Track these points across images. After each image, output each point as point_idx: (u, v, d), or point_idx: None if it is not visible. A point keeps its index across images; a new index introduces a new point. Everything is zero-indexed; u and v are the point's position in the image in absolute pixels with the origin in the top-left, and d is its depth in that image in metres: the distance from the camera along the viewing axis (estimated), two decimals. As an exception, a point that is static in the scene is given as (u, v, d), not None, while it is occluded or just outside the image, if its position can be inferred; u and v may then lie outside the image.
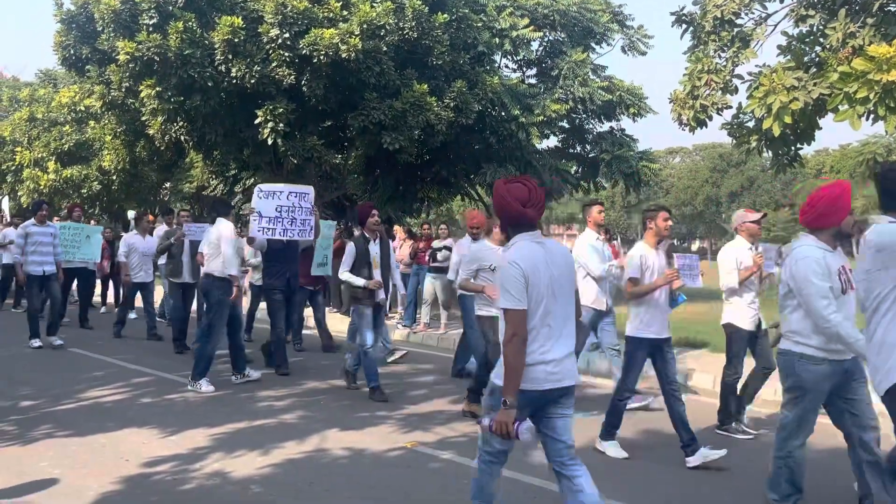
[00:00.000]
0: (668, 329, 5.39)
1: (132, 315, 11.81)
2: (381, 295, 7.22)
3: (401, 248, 11.68)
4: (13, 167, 21.50)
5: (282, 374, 7.97)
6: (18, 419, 5.95)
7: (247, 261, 9.25)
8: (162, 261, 10.73)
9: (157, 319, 10.93)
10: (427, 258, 11.36)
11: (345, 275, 7.08)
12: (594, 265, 6.73)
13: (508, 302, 3.22)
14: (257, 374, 7.69)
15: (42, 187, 20.53)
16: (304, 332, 10.17)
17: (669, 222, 5.50)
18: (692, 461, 5.07)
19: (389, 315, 12.52)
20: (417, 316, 11.71)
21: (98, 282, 13.38)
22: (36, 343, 9.29)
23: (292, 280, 8.30)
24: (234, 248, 7.55)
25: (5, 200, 16.70)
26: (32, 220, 9.52)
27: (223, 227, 7.54)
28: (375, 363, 7.12)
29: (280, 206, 7.77)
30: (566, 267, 3.43)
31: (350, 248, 7.21)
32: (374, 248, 7.20)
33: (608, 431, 5.46)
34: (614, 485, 4.73)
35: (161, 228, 11.30)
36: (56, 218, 15.64)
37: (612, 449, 5.40)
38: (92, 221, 15.47)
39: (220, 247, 7.41)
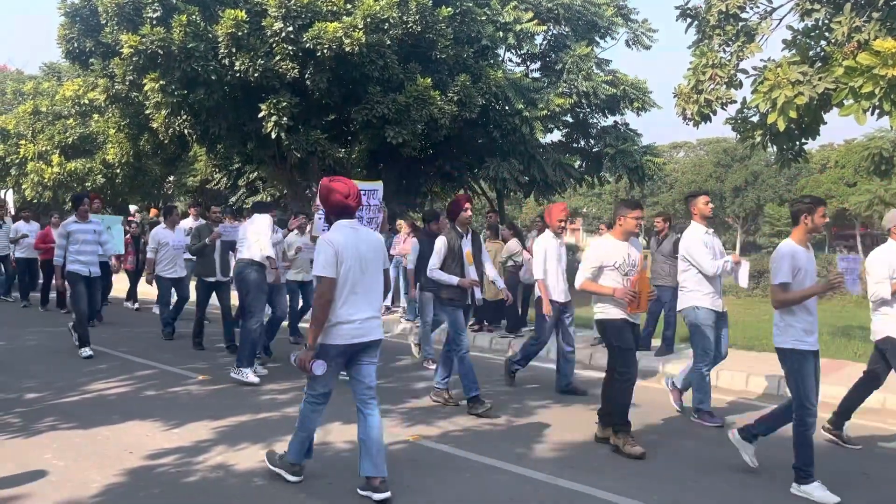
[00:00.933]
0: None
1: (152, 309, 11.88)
2: (478, 294, 6.78)
3: (404, 243, 11.67)
4: (17, 160, 21.55)
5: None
6: (23, 411, 5.98)
7: (288, 254, 8.98)
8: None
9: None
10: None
11: (435, 272, 6.49)
12: (707, 262, 6.09)
13: (322, 271, 4.21)
14: (255, 379, 7.25)
15: (46, 180, 20.59)
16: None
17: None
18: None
19: (393, 309, 12.53)
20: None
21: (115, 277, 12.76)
22: (87, 352, 8.32)
23: None
24: (268, 235, 7.60)
25: (9, 193, 16.74)
26: (73, 217, 8.70)
27: (258, 218, 7.72)
28: (472, 369, 6.43)
29: None
30: (375, 251, 4.44)
31: (441, 242, 6.56)
32: (467, 244, 6.65)
33: (806, 472, 4.56)
34: (625, 483, 4.74)
35: (187, 222, 11.12)
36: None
37: (819, 491, 4.49)
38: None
39: (251, 236, 7.51)
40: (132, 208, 22.91)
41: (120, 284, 13.48)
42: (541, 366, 8.74)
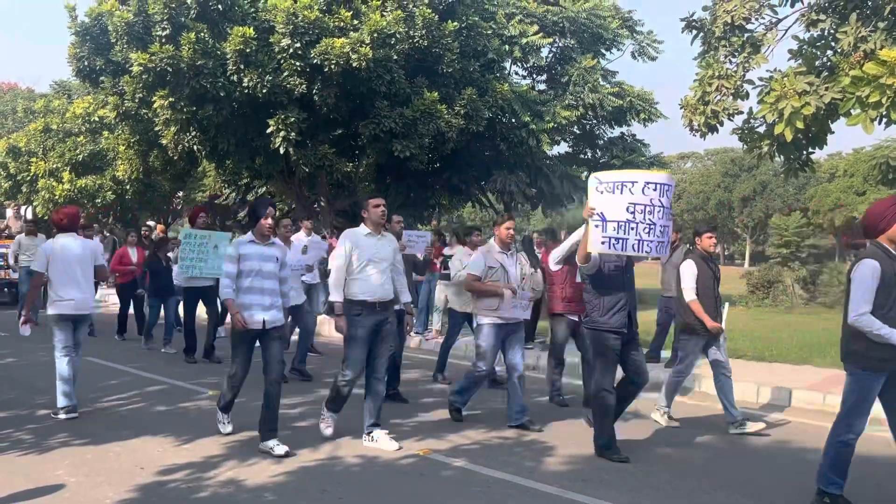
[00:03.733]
0: None
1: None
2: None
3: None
4: (28, 178, 21.72)
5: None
6: (35, 427, 6.00)
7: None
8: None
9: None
10: (439, 266, 11.37)
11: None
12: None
13: (40, 267, 6.46)
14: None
15: (57, 197, 20.73)
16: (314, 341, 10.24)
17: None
18: None
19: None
20: (429, 323, 11.72)
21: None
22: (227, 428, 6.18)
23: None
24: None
25: (29, 210, 16.71)
26: (249, 236, 8.26)
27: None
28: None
29: (633, 203, 5.29)
30: (83, 252, 6.51)
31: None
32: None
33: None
34: (619, 489, 4.72)
35: (300, 238, 9.25)
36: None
37: None
38: (105, 232, 15.57)
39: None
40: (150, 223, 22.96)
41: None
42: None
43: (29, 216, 15.87)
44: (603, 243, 5.33)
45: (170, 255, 10.65)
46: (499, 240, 6.39)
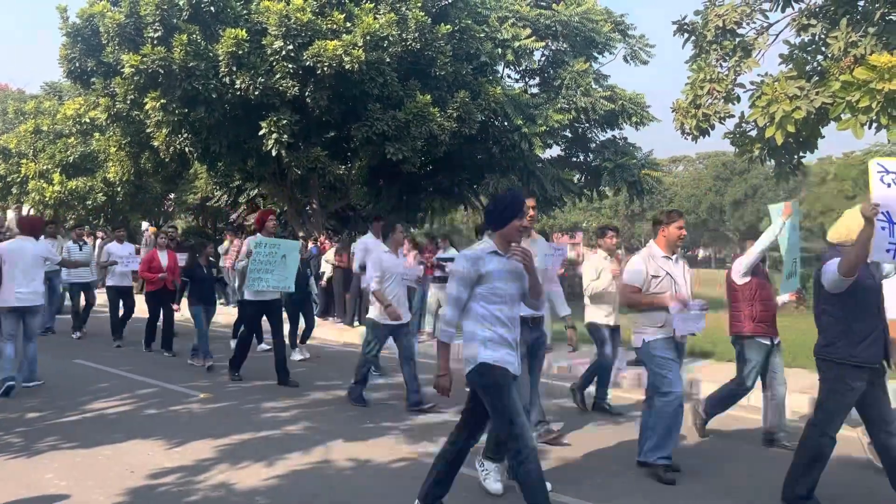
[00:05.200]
0: None
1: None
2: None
3: (407, 259, 11.67)
4: (19, 179, 21.61)
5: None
6: (24, 431, 5.96)
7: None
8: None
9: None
10: (432, 268, 11.37)
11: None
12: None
13: None
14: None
15: (47, 199, 20.64)
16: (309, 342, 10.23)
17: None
18: None
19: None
20: (422, 325, 11.70)
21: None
22: None
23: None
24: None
25: (25, 209, 16.48)
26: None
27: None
28: None
29: None
30: (33, 256, 7.39)
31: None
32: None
33: None
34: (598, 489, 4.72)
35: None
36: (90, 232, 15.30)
37: None
38: (99, 233, 15.46)
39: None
40: (143, 225, 22.82)
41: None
42: (550, 383, 8.72)
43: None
44: (888, 251, 4.17)
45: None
46: (665, 242, 5.32)
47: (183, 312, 10.30)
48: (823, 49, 9.55)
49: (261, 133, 13.38)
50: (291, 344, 9.98)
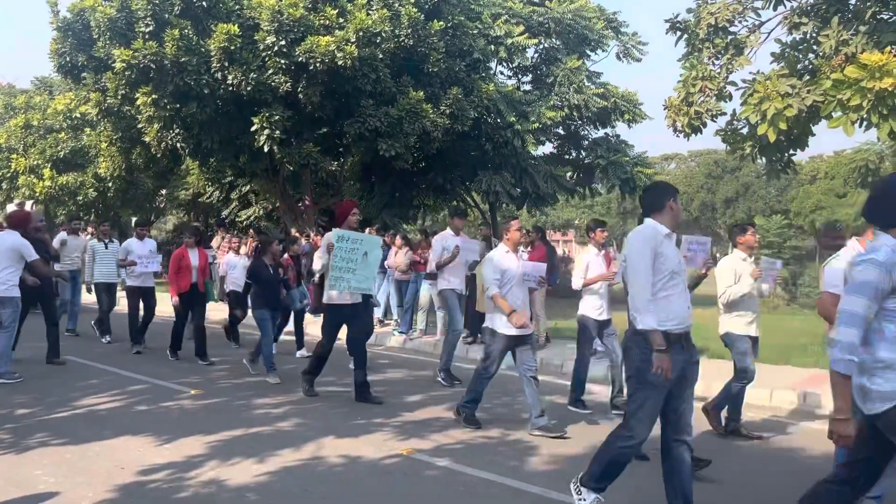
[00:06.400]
0: None
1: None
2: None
3: (396, 256, 11.68)
4: (9, 174, 21.51)
5: None
6: (13, 427, 5.93)
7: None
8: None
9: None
10: (424, 265, 11.36)
11: None
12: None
13: None
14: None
15: (37, 194, 20.54)
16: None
17: None
18: None
19: (386, 322, 12.52)
20: (413, 322, 11.71)
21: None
22: None
23: None
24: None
25: (30, 205, 16.20)
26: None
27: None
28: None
29: None
30: (6, 249, 7.36)
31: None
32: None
33: None
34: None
35: (446, 237, 8.41)
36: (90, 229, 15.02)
37: None
38: (90, 229, 15.35)
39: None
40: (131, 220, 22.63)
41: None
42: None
43: (29, 210, 15.35)
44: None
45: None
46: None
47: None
48: (815, 47, 9.58)
49: (253, 129, 13.34)
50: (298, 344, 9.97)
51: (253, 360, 8.59)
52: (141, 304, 10.05)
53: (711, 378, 7.27)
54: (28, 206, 16.02)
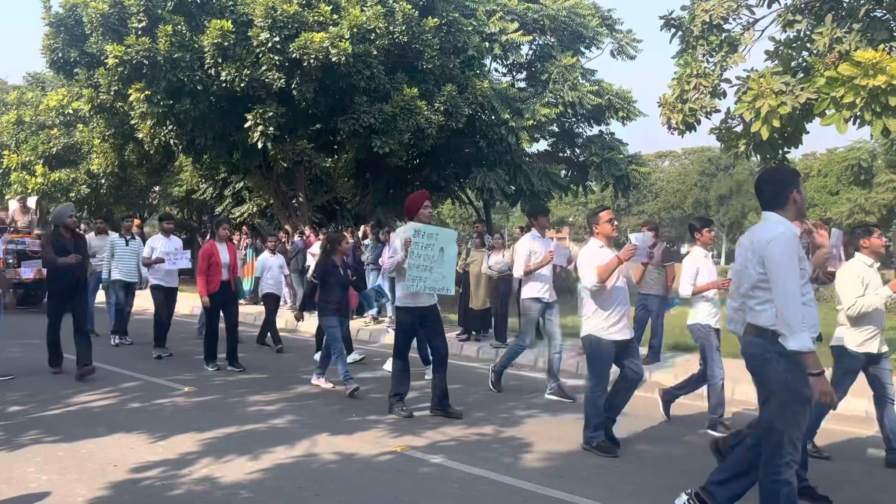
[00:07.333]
0: None
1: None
2: None
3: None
4: (0, 171, 21.38)
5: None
6: (5, 424, 5.90)
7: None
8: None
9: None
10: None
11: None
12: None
13: None
14: None
15: (30, 191, 20.42)
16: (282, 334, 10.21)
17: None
18: None
19: (380, 319, 12.51)
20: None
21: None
22: None
23: None
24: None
25: (32, 200, 16.01)
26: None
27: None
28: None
29: None
30: None
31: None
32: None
33: None
34: (595, 486, 4.74)
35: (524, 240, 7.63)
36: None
37: None
38: (83, 225, 15.27)
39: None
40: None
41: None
42: (528, 375, 8.76)
43: (31, 205, 15.19)
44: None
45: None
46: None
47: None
48: (809, 45, 9.59)
49: (246, 125, 13.30)
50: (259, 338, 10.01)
51: (322, 372, 7.73)
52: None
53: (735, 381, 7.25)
54: (31, 201, 15.85)
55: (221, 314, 8.62)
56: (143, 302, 11.92)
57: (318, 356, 8.21)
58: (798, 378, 3.47)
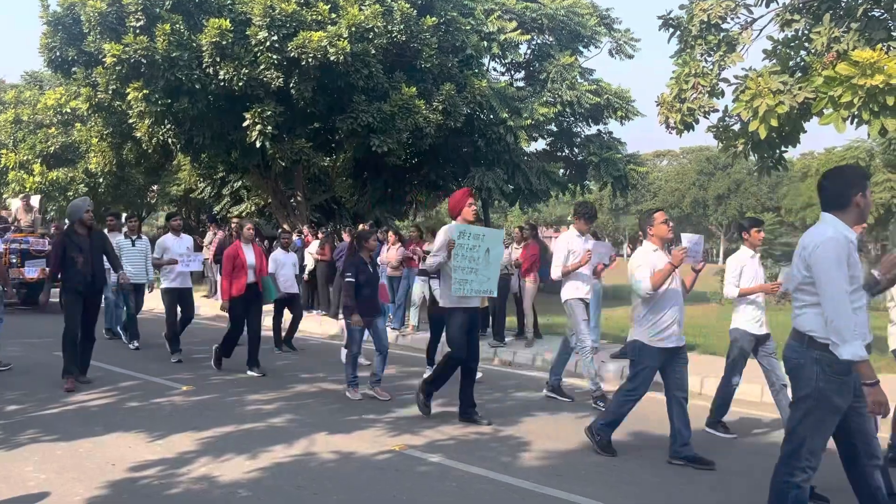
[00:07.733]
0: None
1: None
2: None
3: (388, 252, 11.66)
4: (-2, 169, 21.39)
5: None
6: (4, 424, 5.89)
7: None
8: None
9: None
10: (417, 261, 11.35)
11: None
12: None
13: None
14: None
15: (27, 190, 20.40)
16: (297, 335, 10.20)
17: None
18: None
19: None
20: (406, 318, 11.71)
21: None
22: None
23: None
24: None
25: (35, 199, 15.92)
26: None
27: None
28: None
29: None
30: None
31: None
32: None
33: None
34: (596, 486, 4.75)
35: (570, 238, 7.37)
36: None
37: None
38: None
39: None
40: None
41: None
42: (526, 374, 8.77)
43: (35, 204, 15.03)
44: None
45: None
46: None
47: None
48: (807, 44, 9.60)
49: (245, 124, 13.29)
50: (276, 342, 9.95)
51: (377, 380, 7.31)
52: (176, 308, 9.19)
53: (706, 374, 7.28)
54: (35, 200, 15.84)
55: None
56: (151, 303, 11.73)
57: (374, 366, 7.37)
58: (830, 387, 3.38)
